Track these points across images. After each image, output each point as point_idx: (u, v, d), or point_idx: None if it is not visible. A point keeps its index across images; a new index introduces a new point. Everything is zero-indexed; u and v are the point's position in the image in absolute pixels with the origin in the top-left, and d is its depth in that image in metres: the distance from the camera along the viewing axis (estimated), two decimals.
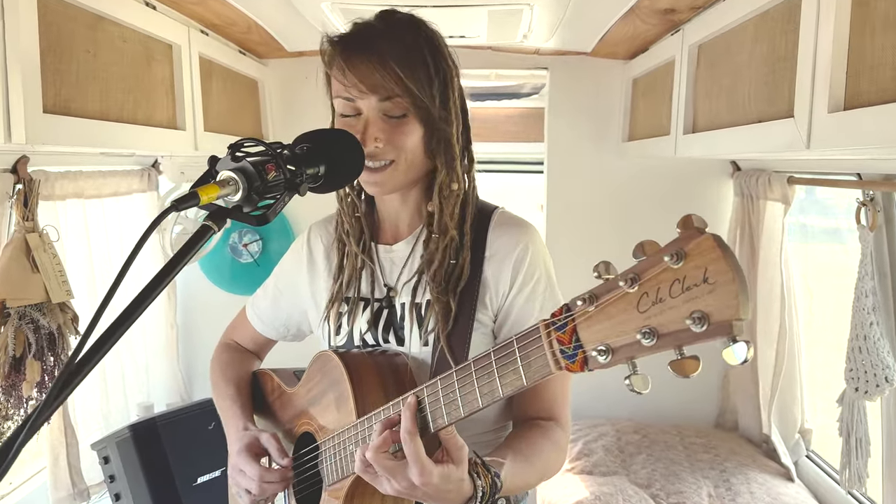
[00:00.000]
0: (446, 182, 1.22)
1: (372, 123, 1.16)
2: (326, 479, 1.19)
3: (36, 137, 1.31)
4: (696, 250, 0.66)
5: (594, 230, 2.90)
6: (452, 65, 1.23)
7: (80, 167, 2.15)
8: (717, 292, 0.64)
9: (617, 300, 0.73)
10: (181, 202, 0.93)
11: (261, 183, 1.01)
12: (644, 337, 0.70)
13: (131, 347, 2.60)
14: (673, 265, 0.67)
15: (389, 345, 1.26)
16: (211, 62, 2.22)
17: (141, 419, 2.04)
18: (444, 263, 1.21)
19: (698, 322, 0.65)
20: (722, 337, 0.64)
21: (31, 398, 1.89)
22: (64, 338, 1.96)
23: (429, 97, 1.16)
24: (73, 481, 2.15)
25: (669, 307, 0.68)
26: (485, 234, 1.25)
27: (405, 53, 1.15)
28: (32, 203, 1.90)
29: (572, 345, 0.78)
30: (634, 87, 2.70)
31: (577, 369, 0.78)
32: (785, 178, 2.27)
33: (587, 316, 0.76)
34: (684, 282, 0.66)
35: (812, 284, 2.50)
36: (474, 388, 0.91)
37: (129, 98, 1.71)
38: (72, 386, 0.82)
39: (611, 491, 2.25)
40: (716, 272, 0.64)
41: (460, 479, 0.97)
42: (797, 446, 2.52)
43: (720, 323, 0.64)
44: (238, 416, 1.35)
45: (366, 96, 1.15)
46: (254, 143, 1.06)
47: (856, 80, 1.16)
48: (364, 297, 1.29)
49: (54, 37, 1.40)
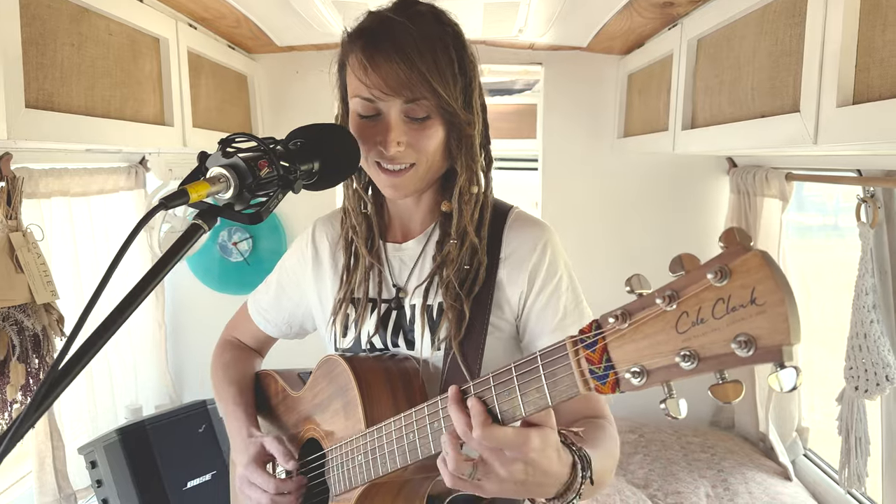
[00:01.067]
0: (466, 186, 1.15)
1: (395, 126, 1.09)
2: (333, 488, 1.14)
3: (18, 133, 1.26)
4: (742, 268, 0.61)
5: (590, 227, 2.87)
6: (476, 64, 1.16)
7: (66, 164, 2.09)
8: (766, 314, 0.59)
9: (653, 319, 0.68)
10: (170, 200, 0.88)
11: (253, 180, 0.96)
12: (683, 360, 0.65)
13: (118, 348, 2.54)
14: (716, 283, 0.63)
15: (398, 349, 1.20)
16: (199, 57, 2.17)
17: (129, 422, 1.99)
18: (459, 268, 1.15)
19: (744, 346, 0.60)
20: (770, 362, 0.60)
21: (16, 401, 1.84)
22: (49, 339, 1.91)
23: (454, 98, 1.10)
24: (59, 486, 2.10)
25: (713, 329, 0.63)
26: (500, 235, 1.19)
27: (431, 52, 1.08)
28: (15, 201, 1.84)
29: (603, 364, 0.73)
30: (630, 82, 2.67)
31: (608, 391, 0.73)
32: (783, 174, 2.25)
33: (620, 334, 0.71)
34: (729, 302, 0.62)
35: (810, 282, 2.48)
36: (494, 406, 0.85)
37: (115, 93, 1.66)
38: (56, 392, 0.78)
39: (608, 491, 2.22)
40: (765, 292, 0.59)
41: (558, 445, 0.86)
42: (794, 445, 2.50)
43: (769, 348, 0.59)
44: (242, 420, 1.29)
45: (389, 98, 1.08)
46: (246, 138, 1.02)
47: (865, 74, 1.13)
48: (372, 299, 1.23)
49: (37, 30, 1.35)
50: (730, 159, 2.69)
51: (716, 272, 0.63)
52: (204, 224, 0.94)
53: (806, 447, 2.52)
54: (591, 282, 2.84)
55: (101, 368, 2.38)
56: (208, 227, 0.95)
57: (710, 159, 2.77)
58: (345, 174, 1.15)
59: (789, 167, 2.27)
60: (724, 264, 0.62)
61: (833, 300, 1.93)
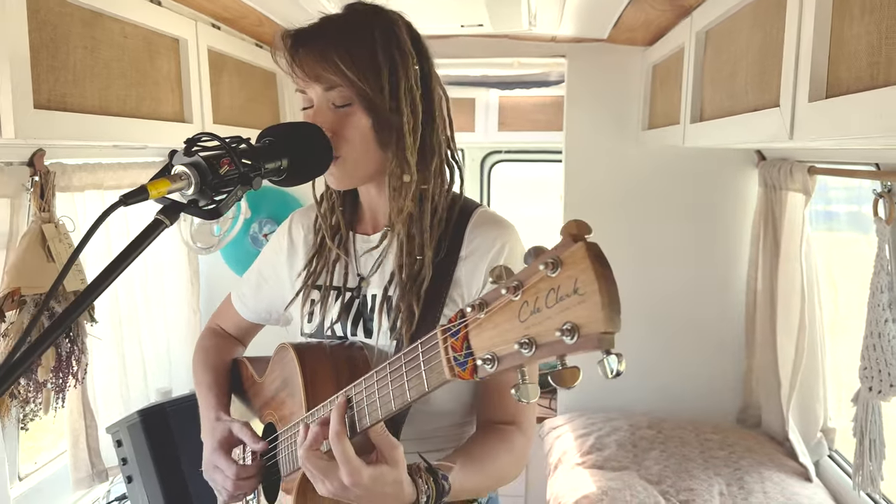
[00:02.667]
0: (396, 173, 1.18)
1: (317, 113, 1.17)
2: (282, 470, 1.21)
3: (25, 132, 1.35)
4: (569, 259, 0.64)
5: (613, 221, 2.85)
6: (411, 52, 1.18)
7: (100, 160, 2.21)
8: (586, 304, 0.62)
9: (502, 308, 0.72)
10: (129, 197, 0.95)
11: (213, 177, 1.02)
12: (522, 347, 0.68)
13: (153, 333, 2.67)
14: (550, 274, 0.65)
15: (357, 337, 1.26)
16: (221, 55, 2.26)
17: (151, 404, 2.10)
18: (402, 261, 1.19)
19: (569, 334, 0.63)
20: (593, 349, 0.62)
21: (47, 382, 1.97)
22: (79, 324, 2.03)
23: (374, 86, 1.13)
24: (92, 463, 2.23)
25: (546, 317, 0.66)
26: (462, 234, 1.22)
27: (348, 41, 1.14)
28: (48, 195, 1.96)
29: (463, 352, 0.77)
30: (654, 73, 2.64)
31: (468, 377, 0.77)
32: (806, 167, 2.19)
33: (478, 323, 0.75)
34: (559, 291, 0.64)
35: (838, 277, 2.41)
36: (389, 391, 0.91)
37: (130, 93, 1.75)
38: (11, 380, 0.84)
39: (618, 486, 2.22)
40: (585, 283, 0.62)
41: (397, 482, 0.96)
42: (819, 445, 2.44)
43: (589, 336, 0.62)
44: (212, 405, 1.37)
45: (311, 86, 1.16)
46: (210, 137, 1.08)
47: (836, 68, 1.10)
48: (336, 287, 1.29)
49: (48, 34, 1.44)
50: (758, 152, 2.63)
51: (547, 263, 0.65)
52: (166, 219, 0.99)
53: (832, 448, 2.45)
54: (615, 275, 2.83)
55: (133, 353, 2.51)
56: (170, 223, 1.00)
57: (739, 152, 2.71)
58: (315, 171, 1.19)
59: (813, 160, 2.20)
60: (557, 255, 0.65)
61: (864, 296, 1.88)
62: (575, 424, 2.71)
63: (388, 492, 0.96)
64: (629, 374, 2.85)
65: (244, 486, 1.24)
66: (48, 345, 0.88)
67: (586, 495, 2.19)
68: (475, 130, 3.87)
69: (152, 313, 2.65)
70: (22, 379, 1.94)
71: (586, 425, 2.67)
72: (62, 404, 2.04)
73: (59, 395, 2.01)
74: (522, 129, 3.86)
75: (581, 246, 0.63)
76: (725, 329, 2.80)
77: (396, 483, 0.96)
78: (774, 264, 2.44)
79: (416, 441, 1.17)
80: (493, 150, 4.16)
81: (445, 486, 1.02)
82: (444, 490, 1.02)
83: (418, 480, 1.00)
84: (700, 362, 2.84)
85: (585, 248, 0.63)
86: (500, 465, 1.15)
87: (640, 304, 2.86)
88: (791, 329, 2.32)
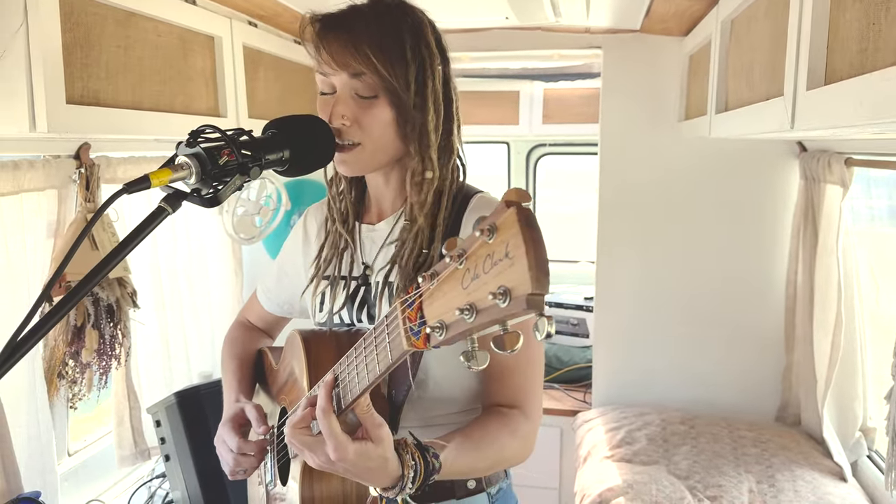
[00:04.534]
0: (419, 170, 1.22)
1: (340, 100, 1.19)
2: (291, 451, 1.25)
3: (57, 126, 1.44)
4: (503, 224, 0.65)
5: (649, 214, 2.82)
6: (437, 52, 1.22)
7: (144, 153, 2.32)
8: (514, 266, 0.63)
9: (448, 277, 0.73)
10: (131, 186, 1.01)
11: (212, 167, 1.08)
12: (464, 314, 0.69)
13: (198, 320, 2.78)
14: (487, 240, 0.67)
15: (363, 323, 1.30)
16: (258, 51, 2.33)
17: (187, 387, 2.20)
18: (413, 252, 1.22)
19: (502, 297, 0.64)
20: (527, 312, 0.63)
21: (91, 363, 2.08)
22: (122, 309, 2.14)
23: (401, 81, 1.16)
24: (135, 442, 2.35)
25: (483, 283, 0.67)
26: (460, 218, 1.25)
27: (380, 34, 1.16)
28: (93, 186, 2.07)
29: (417, 321, 0.79)
30: (690, 64, 2.59)
31: (422, 346, 0.79)
32: (843, 159, 2.13)
33: (430, 293, 0.77)
34: (493, 257, 0.66)
35: (880, 274, 2.33)
36: (364, 365, 0.94)
37: (164, 88, 1.83)
38: (13, 361, 0.90)
39: (645, 480, 2.21)
40: (514, 246, 0.63)
41: (382, 457, 0.99)
42: (858, 445, 2.37)
43: (518, 298, 0.63)
44: (234, 389, 1.44)
45: (337, 72, 1.18)
46: (213, 129, 1.14)
47: (833, 56, 1.08)
48: (343, 276, 1.34)
49: (81, 34, 1.53)
50: (800, 143, 2.56)
51: (483, 230, 0.67)
52: (168, 207, 1.06)
53: (872, 448, 2.38)
54: (652, 269, 2.81)
55: (177, 338, 2.62)
56: (173, 210, 1.06)
57: (780, 144, 2.64)
58: (318, 163, 1.24)
59: (852, 151, 2.14)
60: (493, 222, 0.66)
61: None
62: (607, 418, 2.70)
63: (373, 466, 0.99)
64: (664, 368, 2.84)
65: (244, 462, 1.30)
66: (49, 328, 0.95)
67: (611, 488, 2.19)
68: (519, 123, 3.86)
69: (197, 301, 2.76)
70: (70, 360, 2.07)
71: (618, 419, 2.66)
72: (105, 385, 2.15)
73: (102, 377, 2.12)
74: (567, 121, 3.83)
75: (512, 211, 0.65)
76: (765, 324, 2.74)
77: (381, 458, 0.99)
78: (813, 259, 2.38)
79: (420, 429, 1.19)
80: (539, 143, 4.15)
81: (436, 463, 1.04)
82: (434, 467, 1.04)
83: (405, 456, 1.02)
84: (738, 358, 2.78)
85: (516, 212, 0.64)
86: (499, 446, 1.16)
87: (676, 298, 2.83)
88: (828, 325, 2.26)
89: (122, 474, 2.45)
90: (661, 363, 2.84)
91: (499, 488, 1.34)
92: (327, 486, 1.15)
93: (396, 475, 1.01)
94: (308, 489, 1.14)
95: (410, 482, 1.02)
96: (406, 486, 1.02)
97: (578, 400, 3.05)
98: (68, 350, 2.03)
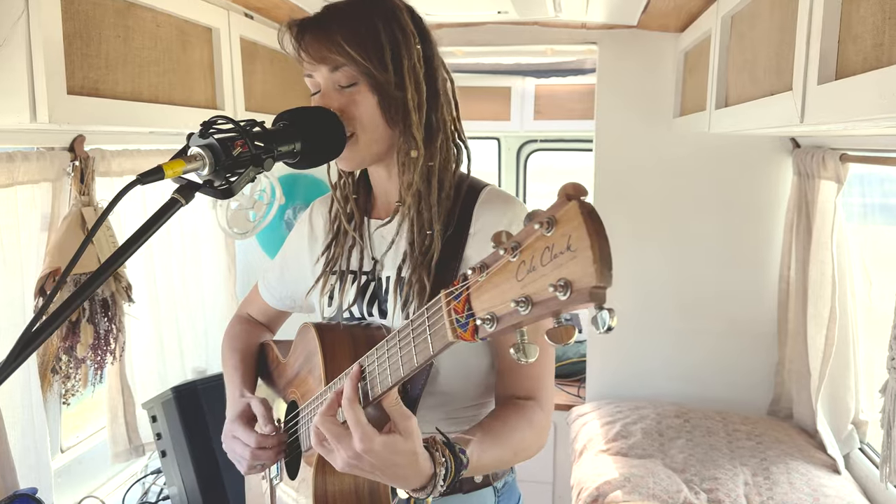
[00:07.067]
0: (404, 149, 1.22)
1: (325, 94, 1.20)
2: (303, 445, 1.25)
3: (59, 117, 1.41)
4: (563, 217, 0.65)
5: (644, 210, 2.84)
6: (413, 32, 1.22)
7: (138, 146, 2.30)
8: (577, 259, 0.63)
9: (501, 269, 0.73)
10: (145, 176, 1.00)
11: (226, 158, 1.07)
12: (519, 306, 0.69)
13: (191, 315, 2.76)
14: (545, 233, 0.67)
15: (373, 318, 1.29)
16: (255, 44, 2.31)
17: (184, 382, 2.18)
18: (413, 237, 1.23)
19: (562, 290, 0.64)
20: (587, 304, 0.63)
21: (86, 358, 2.06)
22: (117, 304, 2.12)
23: (376, 63, 1.17)
24: (129, 437, 2.33)
25: (541, 275, 0.67)
26: (470, 211, 1.25)
27: (351, 23, 1.18)
28: (88, 179, 2.04)
29: (465, 314, 0.78)
30: (686, 60, 2.61)
31: (469, 338, 0.78)
32: (838, 155, 2.15)
33: (478, 285, 0.76)
34: (553, 249, 0.66)
35: (873, 270, 2.35)
36: (398, 357, 0.93)
37: (163, 80, 1.81)
38: (28, 352, 0.89)
39: (642, 473, 2.22)
40: (577, 239, 0.63)
41: (410, 452, 0.96)
42: (850, 438, 2.39)
43: (580, 290, 0.63)
44: (237, 383, 1.42)
45: (317, 68, 1.20)
46: (225, 120, 1.13)
47: (845, 50, 1.09)
48: (353, 271, 1.33)
49: (81, 24, 1.51)
50: (793, 140, 2.58)
51: (542, 223, 0.67)
52: (181, 198, 1.04)
53: (864, 441, 2.41)
54: (646, 264, 2.82)
55: (171, 334, 2.60)
56: (186, 202, 1.05)
57: (773, 140, 2.67)
58: (329, 155, 1.23)
59: (846, 148, 2.16)
60: (552, 215, 0.66)
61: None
62: (602, 412, 2.72)
63: (401, 462, 0.96)
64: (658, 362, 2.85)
65: (263, 456, 1.28)
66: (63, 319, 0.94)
67: (608, 481, 2.20)
68: (511, 119, 3.86)
69: (190, 296, 2.74)
70: (63, 355, 2.04)
71: (613, 413, 2.67)
72: (101, 380, 2.13)
73: (97, 372, 2.10)
74: (558, 117, 3.84)
75: (574, 204, 0.65)
76: (758, 319, 2.77)
77: (410, 454, 0.97)
78: (807, 254, 2.41)
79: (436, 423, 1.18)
80: (529, 139, 4.15)
81: (464, 459, 1.03)
82: (463, 463, 1.03)
83: (435, 454, 1.00)
84: (731, 352, 2.81)
85: (578, 206, 0.64)
86: (520, 438, 1.16)
87: (670, 292, 2.85)
88: (822, 320, 2.28)
89: (114, 471, 2.42)
90: (655, 357, 2.86)
91: (504, 482, 1.34)
92: (340, 479, 1.14)
93: (428, 473, 0.99)
94: (321, 483, 1.13)
95: (442, 480, 1.00)
96: (438, 485, 0.99)
97: (572, 394, 3.07)
98: (62, 345, 2.00)
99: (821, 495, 2.10)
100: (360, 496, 1.14)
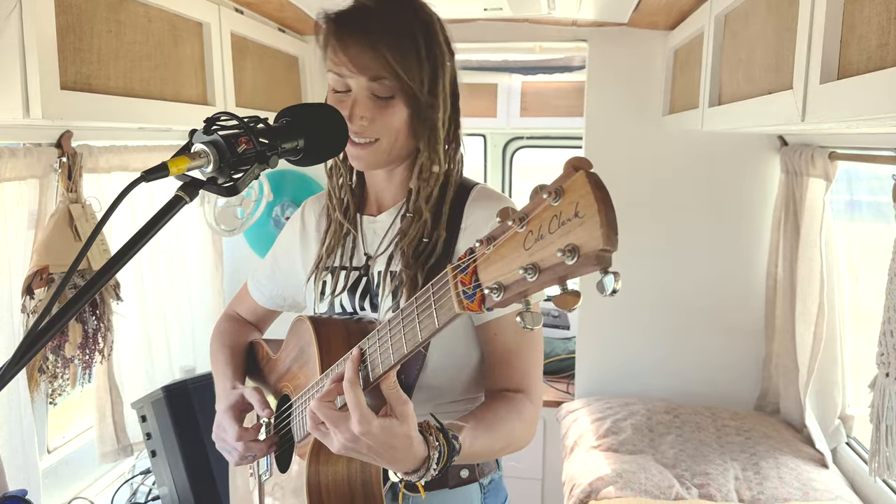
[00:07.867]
0: (427, 165, 1.25)
1: (359, 102, 1.20)
2: (296, 436, 1.24)
3: (52, 112, 1.39)
4: (571, 187, 0.67)
5: (633, 207, 2.84)
6: (447, 50, 1.25)
7: (126, 142, 2.26)
8: (585, 225, 0.65)
9: (508, 240, 0.75)
10: (150, 173, 0.98)
11: (231, 155, 1.05)
12: (527, 273, 0.71)
13: (178, 314, 2.73)
14: (553, 203, 0.69)
15: (365, 312, 1.31)
16: (245, 39, 2.29)
17: (174, 381, 2.16)
18: (415, 240, 1.25)
19: (569, 254, 0.66)
20: (593, 268, 0.65)
21: (74, 357, 2.03)
22: (105, 302, 2.09)
23: (417, 82, 1.19)
24: (117, 437, 2.30)
25: (549, 243, 0.69)
26: (461, 209, 1.28)
27: (397, 36, 1.18)
28: (76, 175, 2.01)
29: (472, 285, 0.80)
30: (675, 58, 2.62)
31: (476, 308, 0.80)
32: (827, 153, 2.17)
33: (485, 257, 0.78)
34: (560, 217, 0.68)
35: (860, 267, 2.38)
36: (402, 335, 0.93)
37: (154, 75, 1.79)
38: (35, 350, 0.87)
39: (633, 469, 2.23)
40: (584, 206, 0.65)
41: (406, 436, 0.98)
42: (837, 432, 2.43)
43: (588, 254, 0.65)
44: (228, 376, 1.41)
45: (355, 76, 1.19)
46: (229, 117, 1.11)
47: (847, 50, 1.10)
48: (345, 266, 1.35)
49: (73, 18, 1.48)
50: (781, 138, 2.61)
51: (550, 192, 0.69)
52: (186, 196, 1.03)
53: (850, 435, 2.44)
54: (635, 261, 2.83)
55: (158, 332, 2.57)
56: (190, 199, 1.03)
57: (761, 138, 2.69)
58: (332, 152, 1.22)
59: (835, 146, 2.19)
60: (560, 185, 0.69)
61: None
62: (592, 408, 2.73)
63: (397, 444, 0.98)
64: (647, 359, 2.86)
65: (255, 447, 1.28)
66: (70, 316, 0.92)
67: (601, 477, 2.21)
68: (497, 116, 3.86)
69: (177, 294, 2.71)
70: (50, 355, 2.01)
71: (603, 409, 2.69)
72: (89, 380, 2.10)
73: (85, 371, 2.07)
74: (545, 114, 3.85)
75: (581, 173, 0.67)
76: (745, 315, 2.80)
77: (405, 437, 0.98)
78: (795, 251, 2.43)
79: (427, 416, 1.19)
80: (515, 136, 4.16)
81: (456, 445, 1.05)
82: (456, 449, 1.05)
83: (429, 438, 1.02)
84: (719, 349, 2.83)
85: (586, 175, 0.66)
86: (510, 429, 1.18)
87: (659, 289, 2.87)
88: (809, 316, 2.31)
89: (102, 471, 2.39)
90: (644, 354, 2.88)
91: (491, 479, 1.35)
92: (333, 470, 1.15)
93: (422, 456, 1.01)
94: (315, 473, 1.13)
95: (435, 463, 1.02)
96: (431, 468, 1.01)
97: (561, 391, 3.08)
98: (50, 344, 1.97)
99: (810, 489, 2.13)
100: (352, 486, 1.15)
